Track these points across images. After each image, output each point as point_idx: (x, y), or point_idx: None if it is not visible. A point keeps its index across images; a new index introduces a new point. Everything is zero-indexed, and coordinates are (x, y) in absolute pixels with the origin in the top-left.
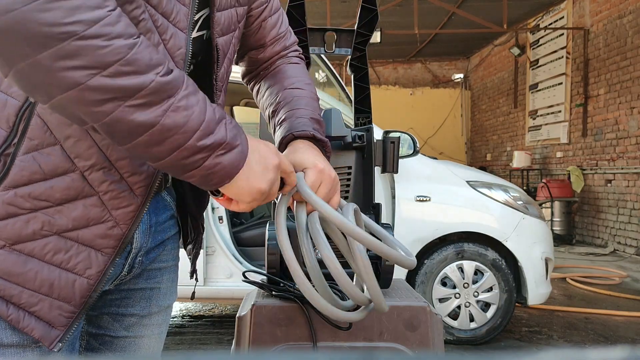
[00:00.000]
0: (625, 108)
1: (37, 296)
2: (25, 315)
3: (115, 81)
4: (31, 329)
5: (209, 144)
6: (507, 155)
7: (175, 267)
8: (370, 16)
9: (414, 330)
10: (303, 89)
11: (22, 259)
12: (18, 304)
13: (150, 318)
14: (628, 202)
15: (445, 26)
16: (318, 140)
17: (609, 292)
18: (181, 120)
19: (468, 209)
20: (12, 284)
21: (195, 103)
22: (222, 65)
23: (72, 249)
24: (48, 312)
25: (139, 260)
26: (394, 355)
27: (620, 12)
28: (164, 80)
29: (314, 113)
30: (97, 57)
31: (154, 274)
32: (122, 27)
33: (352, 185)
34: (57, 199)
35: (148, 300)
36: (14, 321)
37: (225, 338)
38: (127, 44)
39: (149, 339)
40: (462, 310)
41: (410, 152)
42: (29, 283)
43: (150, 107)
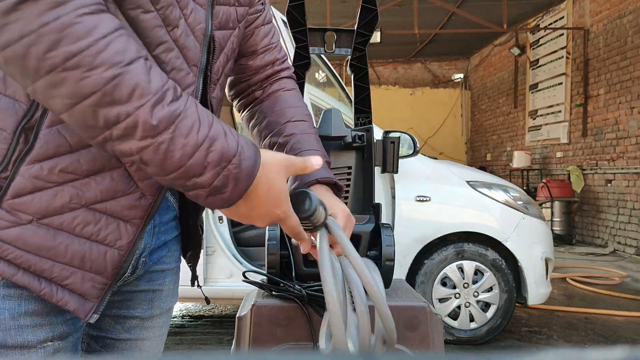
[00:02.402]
0: (625, 108)
1: (69, 269)
2: (58, 288)
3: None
4: (65, 301)
5: (188, 184)
6: (507, 155)
7: (177, 269)
8: (370, 16)
9: (414, 330)
10: (306, 120)
11: (51, 232)
12: (50, 278)
13: (152, 320)
14: (628, 202)
15: (445, 26)
16: (335, 185)
17: (609, 292)
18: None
19: (468, 209)
20: (43, 258)
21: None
22: (218, 59)
23: (101, 221)
24: (81, 285)
25: (142, 260)
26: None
27: (620, 12)
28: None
29: (324, 154)
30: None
31: (156, 276)
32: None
33: (352, 185)
34: (84, 171)
35: (150, 302)
36: (47, 295)
37: (225, 338)
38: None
39: (150, 341)
40: (462, 310)
41: (410, 152)
42: (59, 257)
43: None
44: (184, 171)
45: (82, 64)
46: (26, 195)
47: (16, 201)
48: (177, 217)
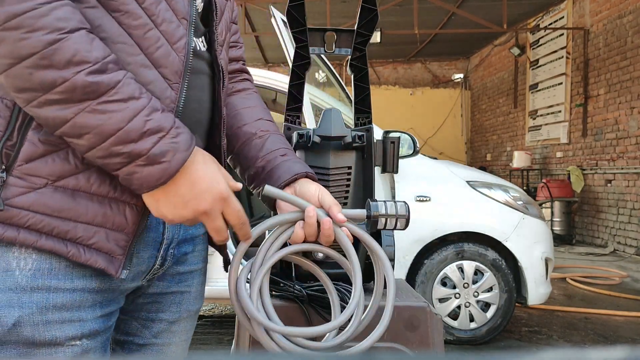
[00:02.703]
0: (625, 108)
1: (92, 228)
2: (84, 249)
3: (31, 74)
4: (94, 260)
5: (124, 151)
6: (507, 155)
7: (204, 269)
8: (370, 16)
9: (414, 330)
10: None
11: (69, 193)
12: (75, 240)
13: (178, 324)
14: (628, 202)
15: (445, 26)
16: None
17: (609, 292)
18: (94, 122)
19: (468, 209)
20: (65, 220)
21: (118, 109)
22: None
23: (115, 178)
24: (106, 243)
25: (170, 252)
26: (394, 355)
27: (620, 12)
28: (83, 80)
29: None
30: (15, 49)
31: (184, 277)
32: (49, 21)
33: (352, 185)
34: None
35: (178, 305)
36: (75, 256)
37: (225, 338)
38: (47, 39)
39: (175, 346)
40: (462, 310)
41: (410, 152)
42: (81, 216)
43: (65, 104)
44: (123, 134)
45: (22, 25)
46: (37, 159)
47: (27, 166)
48: None
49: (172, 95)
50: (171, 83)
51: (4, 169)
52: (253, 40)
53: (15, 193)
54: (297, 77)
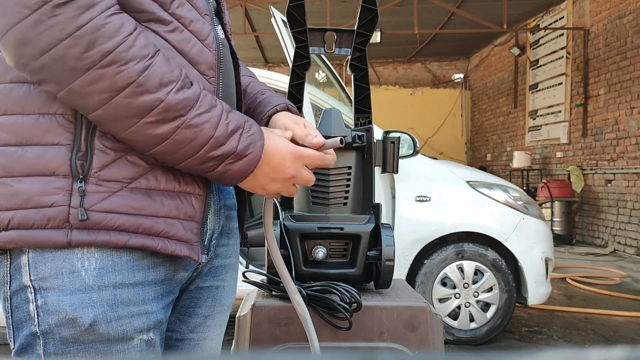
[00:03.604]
0: (625, 108)
1: (171, 221)
2: (169, 241)
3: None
4: (180, 250)
5: (217, 154)
6: (507, 155)
7: (237, 263)
8: (370, 16)
9: (414, 330)
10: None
11: (144, 192)
12: (159, 234)
13: (213, 318)
14: (628, 202)
15: (445, 26)
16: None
17: (609, 292)
18: (191, 136)
19: (468, 209)
20: (148, 217)
21: (207, 120)
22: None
23: (177, 174)
24: (184, 233)
25: (213, 243)
26: (394, 355)
27: (620, 12)
28: (175, 98)
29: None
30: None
31: (219, 271)
32: (136, 51)
33: (352, 185)
34: None
35: (213, 299)
36: (163, 249)
37: (225, 338)
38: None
39: (210, 340)
40: (462, 310)
41: (410, 152)
42: (160, 211)
43: (164, 123)
44: (215, 141)
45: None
46: (109, 165)
47: (102, 173)
48: (236, 207)
49: (210, 90)
50: (209, 78)
51: (81, 179)
52: (253, 40)
53: (97, 199)
54: (297, 77)
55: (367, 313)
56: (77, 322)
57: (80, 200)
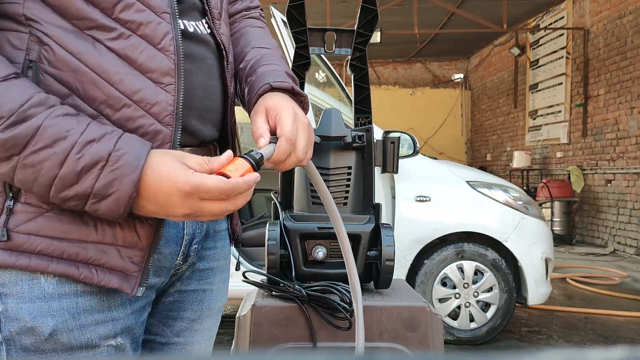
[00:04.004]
0: (625, 108)
1: (103, 248)
2: (97, 270)
3: None
4: (108, 280)
5: (71, 195)
6: (507, 155)
7: (226, 266)
8: (370, 16)
9: (414, 330)
10: (270, 48)
11: (77, 214)
12: (86, 261)
13: (201, 322)
14: (628, 202)
15: (445, 26)
16: (296, 95)
17: (609, 292)
18: (29, 177)
19: (468, 209)
20: (74, 242)
21: (46, 157)
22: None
23: None
24: (119, 261)
25: (194, 247)
26: (394, 355)
27: (620, 12)
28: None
29: (288, 69)
30: None
31: (206, 274)
32: None
33: (352, 185)
34: None
35: (200, 302)
36: (87, 278)
37: (225, 338)
38: None
39: (199, 345)
40: (462, 310)
41: (410, 152)
42: (91, 236)
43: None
44: (60, 182)
45: None
46: None
47: None
48: None
49: (167, 98)
50: (164, 86)
51: (12, 197)
52: None
53: (23, 220)
54: (297, 77)
55: (367, 313)
56: (36, 331)
57: (6, 220)
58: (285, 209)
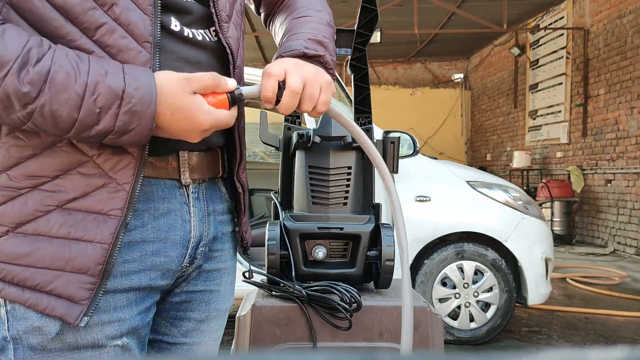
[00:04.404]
0: (625, 108)
1: (51, 273)
2: (43, 296)
3: None
4: (52, 308)
5: (93, 134)
6: (507, 155)
7: (233, 267)
8: (370, 16)
9: (414, 330)
10: (310, 15)
11: (28, 239)
12: (34, 286)
13: (208, 323)
14: (628, 202)
15: (445, 26)
16: (311, 57)
17: (609, 292)
18: (49, 122)
19: (468, 209)
20: (22, 267)
21: (63, 104)
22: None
23: (77, 218)
24: (66, 288)
25: (201, 250)
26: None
27: (620, 12)
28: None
29: (316, 34)
30: None
31: (213, 276)
32: None
33: (352, 185)
34: (52, 171)
35: (207, 303)
36: (33, 305)
37: (225, 338)
38: None
39: (206, 345)
40: (462, 310)
41: (410, 152)
42: (39, 262)
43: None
44: (81, 125)
45: None
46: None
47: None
48: (230, 210)
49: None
50: None
51: None
52: (253, 40)
53: None
54: None
55: (367, 313)
56: (43, 330)
57: None
58: (285, 209)
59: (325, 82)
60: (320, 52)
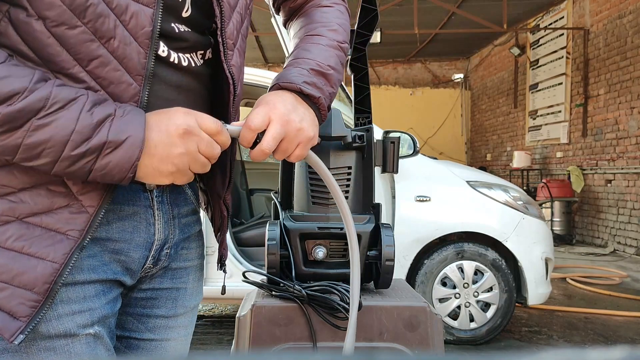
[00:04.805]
0: (625, 108)
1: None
2: None
3: None
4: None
5: (87, 149)
6: (507, 155)
7: (201, 265)
8: (370, 16)
9: (414, 330)
10: (322, 36)
11: None
12: None
13: (176, 319)
14: (628, 202)
15: (445, 26)
16: (306, 96)
17: (609, 292)
18: (43, 136)
19: (468, 209)
20: None
21: (61, 116)
22: (230, 20)
23: (35, 233)
24: (8, 302)
25: (165, 252)
26: (394, 355)
27: (620, 12)
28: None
29: (321, 63)
30: None
31: (180, 274)
32: None
33: (352, 185)
34: (19, 183)
35: (174, 300)
36: None
37: (225, 338)
38: None
39: (175, 341)
40: (462, 310)
41: (410, 152)
42: None
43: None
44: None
45: None
46: None
47: None
48: (196, 211)
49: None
50: None
51: None
52: (253, 40)
53: None
54: None
55: (367, 313)
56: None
57: None
58: (285, 209)
59: (304, 140)
60: (316, 94)
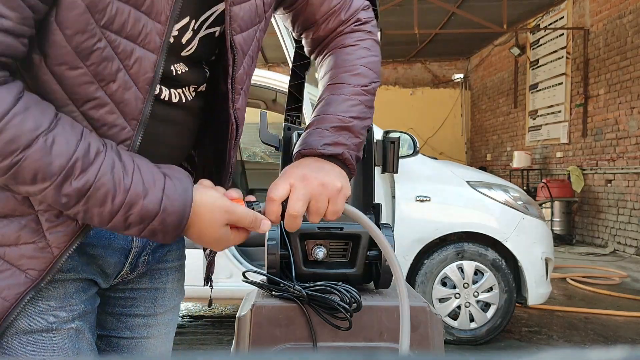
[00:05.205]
0: (625, 108)
1: None
2: None
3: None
4: None
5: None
6: (507, 155)
7: (181, 266)
8: None
9: (414, 330)
10: (345, 84)
11: None
12: None
13: (155, 318)
14: (628, 202)
15: (445, 26)
16: (330, 156)
17: (609, 292)
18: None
19: (468, 209)
20: None
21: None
22: (242, 66)
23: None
24: None
25: (143, 259)
26: (394, 355)
27: (620, 12)
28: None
29: (343, 117)
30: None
31: (159, 274)
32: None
33: (352, 185)
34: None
35: (153, 300)
36: None
37: (225, 338)
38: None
39: (155, 339)
40: (462, 310)
41: (410, 152)
42: None
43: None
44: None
45: None
46: None
47: None
48: None
49: None
50: None
51: None
52: None
53: None
54: (297, 77)
55: (367, 313)
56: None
57: None
58: None
59: (334, 192)
60: (338, 152)
